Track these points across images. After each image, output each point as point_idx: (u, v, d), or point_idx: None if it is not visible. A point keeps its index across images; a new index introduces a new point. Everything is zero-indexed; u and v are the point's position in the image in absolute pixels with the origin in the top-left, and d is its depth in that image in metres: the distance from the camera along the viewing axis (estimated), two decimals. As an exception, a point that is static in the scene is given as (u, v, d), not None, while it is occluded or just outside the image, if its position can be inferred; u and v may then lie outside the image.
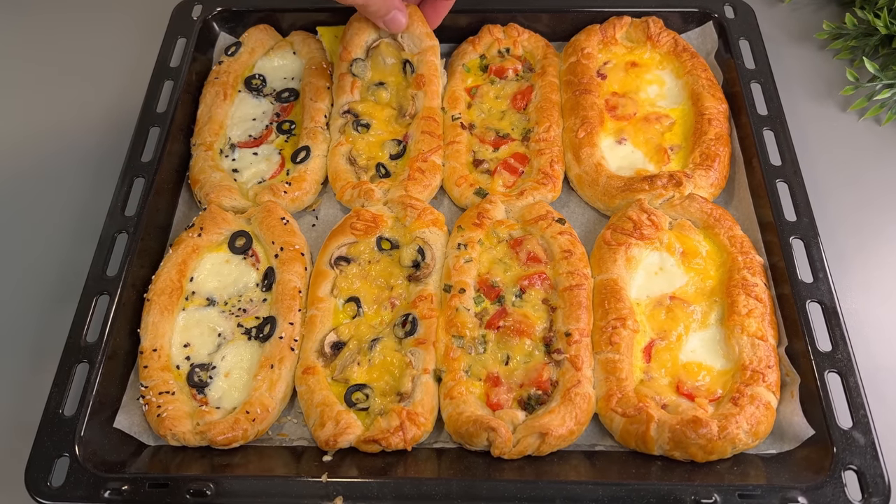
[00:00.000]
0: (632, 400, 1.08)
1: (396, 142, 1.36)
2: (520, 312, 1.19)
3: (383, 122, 1.38)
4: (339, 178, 1.33)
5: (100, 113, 1.57)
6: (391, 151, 1.36)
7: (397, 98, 1.39)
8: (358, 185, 1.32)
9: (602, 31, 1.51)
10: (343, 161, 1.33)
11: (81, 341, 1.14)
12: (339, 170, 1.33)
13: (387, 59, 1.40)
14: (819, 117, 1.51)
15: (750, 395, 1.07)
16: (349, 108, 1.37)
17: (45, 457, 1.04)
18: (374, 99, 1.39)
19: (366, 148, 1.35)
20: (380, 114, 1.38)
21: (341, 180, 1.33)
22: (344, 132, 1.36)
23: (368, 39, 1.40)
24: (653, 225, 1.25)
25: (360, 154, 1.34)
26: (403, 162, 1.35)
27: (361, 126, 1.36)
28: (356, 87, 1.38)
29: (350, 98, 1.37)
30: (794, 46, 1.63)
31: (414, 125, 1.36)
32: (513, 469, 1.07)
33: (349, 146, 1.34)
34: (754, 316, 1.14)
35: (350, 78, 1.38)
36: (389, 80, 1.41)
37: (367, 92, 1.39)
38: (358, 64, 1.38)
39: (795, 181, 1.27)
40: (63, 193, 1.47)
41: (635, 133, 1.40)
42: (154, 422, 1.12)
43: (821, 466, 1.02)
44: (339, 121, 1.37)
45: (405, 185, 1.31)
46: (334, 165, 1.34)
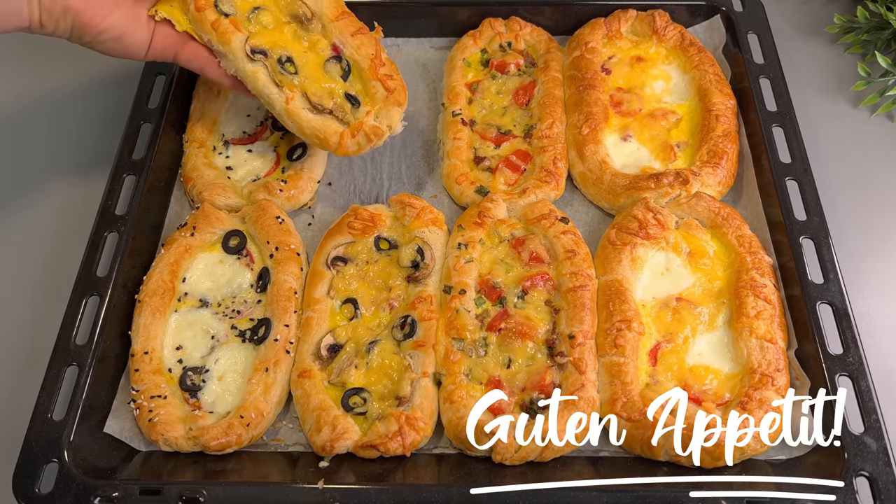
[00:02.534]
0: (637, 404, 1.08)
1: (335, 59, 1.22)
2: (522, 314, 1.19)
3: (296, 43, 1.22)
4: (329, 138, 1.20)
5: (90, 108, 1.57)
6: (338, 72, 1.22)
7: (282, 11, 1.23)
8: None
9: (606, 25, 1.51)
10: (311, 115, 1.19)
11: (70, 344, 1.14)
12: (324, 131, 1.19)
13: None
14: (830, 113, 1.52)
15: (759, 400, 1.07)
16: (252, 48, 1.17)
17: (33, 463, 1.04)
18: (263, 26, 1.21)
19: (315, 86, 1.20)
20: (283, 37, 1.20)
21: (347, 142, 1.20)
22: (281, 82, 1.18)
23: None
24: (659, 224, 1.25)
25: (316, 95, 1.19)
26: (360, 77, 1.22)
27: (286, 64, 1.19)
28: (240, 25, 1.18)
29: (241, 37, 1.17)
30: (804, 40, 1.63)
31: (333, 29, 1.22)
32: (515, 475, 1.07)
33: (300, 94, 1.19)
34: (763, 318, 1.14)
35: (224, 19, 1.17)
36: (262, 1, 1.22)
37: (250, 24, 1.20)
38: (223, 1, 1.18)
39: (805, 179, 1.27)
40: (52, 191, 1.47)
41: (641, 129, 1.40)
42: (145, 426, 1.12)
43: (832, 472, 1.02)
44: (257, 75, 1.17)
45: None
46: (311, 128, 1.20)
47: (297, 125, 1.18)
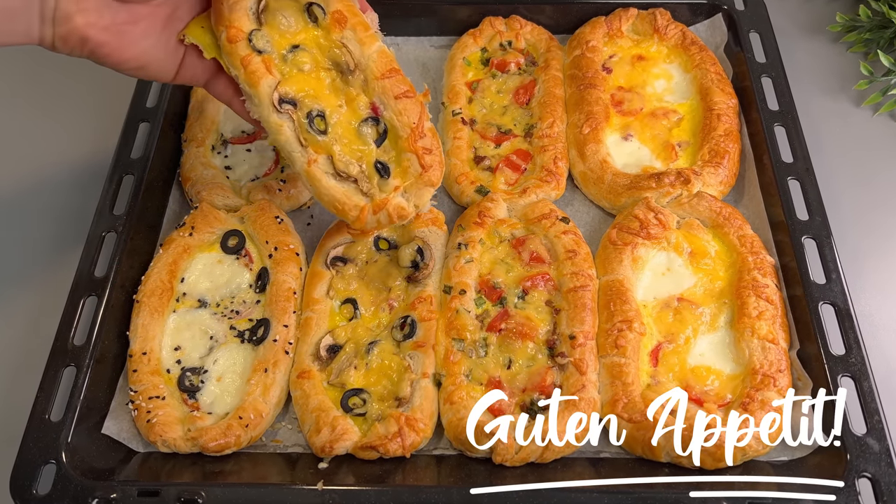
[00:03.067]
0: (638, 405, 1.08)
1: (371, 121, 1.09)
2: (522, 314, 1.19)
3: (332, 96, 1.09)
4: (348, 212, 1.09)
5: (87, 108, 1.57)
6: (372, 136, 1.09)
7: (324, 54, 1.08)
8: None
9: (607, 24, 1.51)
10: (333, 182, 1.07)
11: (68, 344, 1.14)
12: (344, 202, 1.08)
13: (286, 17, 1.07)
14: (832, 113, 1.52)
15: (760, 401, 1.07)
16: (281, 96, 1.04)
17: (31, 464, 1.04)
18: (298, 69, 1.07)
19: (345, 148, 1.08)
20: (319, 86, 1.08)
21: (354, 215, 1.09)
22: (306, 141, 1.06)
23: (250, 3, 1.06)
24: (660, 224, 1.25)
25: (343, 160, 1.07)
26: (395, 144, 1.09)
27: (316, 120, 1.06)
28: (273, 66, 1.06)
29: (272, 81, 1.04)
30: (806, 39, 1.63)
31: (376, 87, 1.07)
32: (515, 476, 1.07)
33: (325, 157, 1.07)
34: (765, 318, 1.14)
35: (257, 56, 1.05)
36: (302, 40, 1.09)
37: (285, 65, 1.07)
38: (258, 36, 1.05)
39: (807, 179, 1.27)
40: (50, 191, 1.47)
41: (642, 129, 1.40)
42: (144, 427, 1.12)
43: (834, 474, 1.02)
44: (281, 129, 1.05)
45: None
46: (330, 196, 1.08)
47: (316, 190, 1.06)
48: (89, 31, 0.92)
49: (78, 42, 0.93)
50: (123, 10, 0.94)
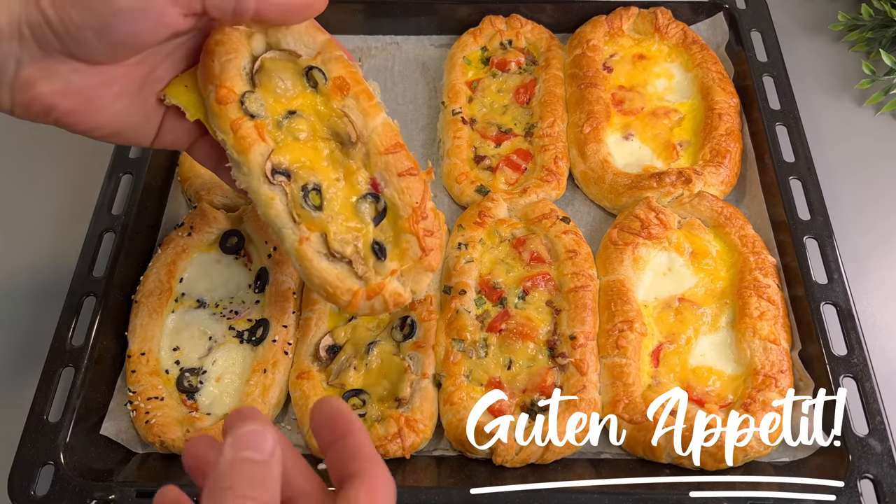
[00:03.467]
0: (639, 406, 1.08)
1: (371, 197, 0.97)
2: (523, 315, 1.19)
3: (329, 169, 0.97)
4: (340, 296, 0.96)
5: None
6: (370, 213, 0.97)
7: (322, 123, 0.97)
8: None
9: (608, 23, 1.51)
10: (325, 263, 0.94)
11: (67, 345, 1.14)
12: (336, 286, 0.95)
13: (283, 80, 0.95)
14: (834, 112, 1.52)
15: (762, 402, 1.07)
16: (275, 167, 0.92)
17: (29, 464, 1.04)
18: (294, 137, 0.95)
19: (340, 226, 0.96)
20: (316, 157, 0.96)
21: (347, 296, 0.96)
22: (299, 217, 0.93)
23: (244, 62, 0.94)
24: (661, 224, 1.25)
25: (337, 239, 0.95)
26: (394, 223, 0.98)
27: (311, 194, 0.94)
28: (266, 132, 0.93)
29: (265, 149, 0.92)
30: (807, 38, 1.63)
31: (378, 162, 0.96)
32: (516, 477, 1.07)
33: (319, 235, 0.94)
34: (766, 318, 1.14)
35: (249, 121, 0.92)
36: (299, 105, 0.96)
37: (280, 132, 0.95)
38: (251, 98, 0.93)
39: (809, 178, 1.27)
40: (47, 190, 1.47)
41: (643, 128, 1.40)
42: (142, 428, 1.12)
43: (836, 475, 1.02)
44: (273, 202, 0.93)
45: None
46: (321, 280, 0.95)
47: (306, 271, 0.94)
48: (55, 99, 0.81)
49: (42, 110, 0.82)
50: (94, 73, 0.82)
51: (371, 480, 0.65)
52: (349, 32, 1.60)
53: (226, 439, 0.62)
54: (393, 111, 1.49)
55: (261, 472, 0.60)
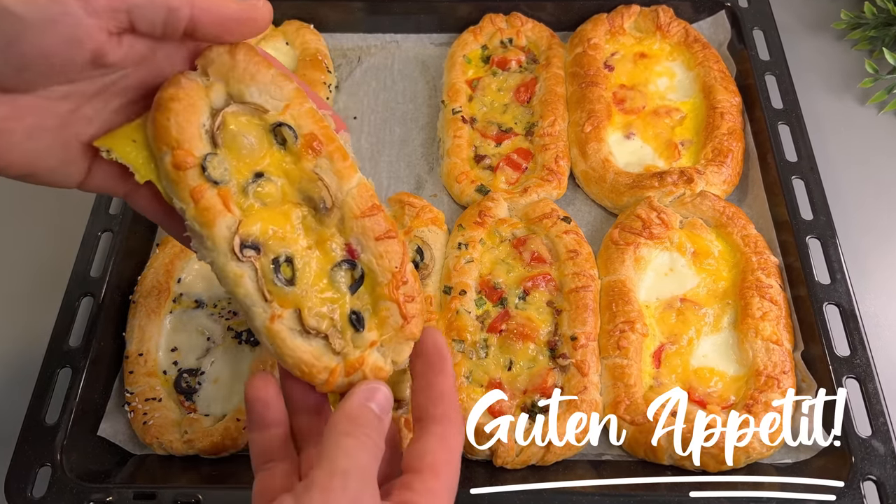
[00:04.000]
0: (640, 407, 1.08)
1: (347, 264, 0.85)
2: (523, 315, 1.19)
3: (300, 237, 0.85)
4: (316, 375, 0.83)
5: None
6: (346, 282, 0.85)
7: (293, 185, 0.85)
8: None
9: (609, 21, 1.51)
10: (299, 340, 0.82)
11: (64, 345, 1.14)
12: (312, 365, 0.83)
13: (248, 137, 0.82)
14: (836, 111, 1.51)
15: (764, 403, 1.07)
16: (243, 241, 0.80)
17: (26, 466, 1.04)
18: (261, 202, 0.83)
19: (315, 298, 0.84)
20: (285, 224, 0.84)
21: (317, 372, 0.83)
22: (271, 294, 0.81)
23: (203, 119, 0.81)
24: (663, 224, 1.25)
25: (313, 314, 0.83)
26: (372, 290, 0.86)
27: (283, 266, 0.82)
28: (231, 200, 0.80)
29: (231, 221, 0.79)
30: (810, 37, 1.63)
31: (354, 227, 0.85)
32: (516, 479, 1.06)
33: (292, 311, 0.82)
34: (769, 319, 1.14)
35: (212, 188, 0.79)
36: (266, 166, 0.84)
37: (246, 199, 0.82)
38: (213, 162, 0.80)
39: (812, 178, 1.27)
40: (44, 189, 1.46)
41: (644, 127, 1.40)
42: (140, 430, 1.11)
43: (838, 476, 1.01)
44: (241, 281, 0.80)
45: None
46: (296, 359, 0.82)
47: (279, 351, 0.82)
48: None
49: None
50: (1, 103, 0.69)
51: (449, 430, 0.75)
52: (348, 31, 1.60)
53: (355, 388, 0.77)
54: (392, 110, 1.51)
55: (378, 421, 0.73)
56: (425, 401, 0.77)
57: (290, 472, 0.76)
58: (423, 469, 0.72)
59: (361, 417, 0.72)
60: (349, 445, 0.68)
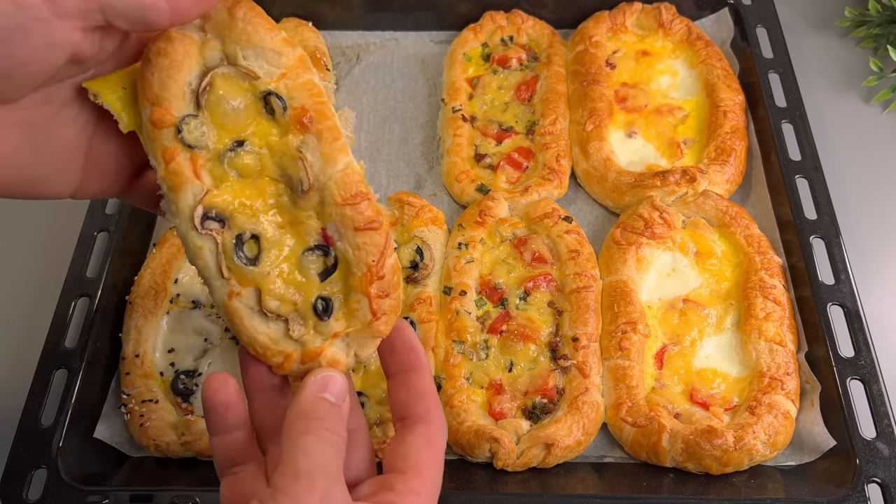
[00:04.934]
0: (643, 409, 1.08)
1: (318, 250, 0.80)
2: (524, 316, 1.19)
3: (273, 214, 0.81)
4: (270, 357, 0.80)
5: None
6: (317, 268, 0.81)
7: (274, 158, 0.80)
8: None
9: (611, 18, 1.51)
10: (257, 321, 0.79)
11: (60, 346, 1.14)
12: (267, 348, 0.80)
13: (233, 101, 0.79)
14: (841, 109, 1.51)
15: (768, 404, 1.07)
16: (206, 211, 0.77)
17: (22, 469, 1.04)
18: (236, 173, 0.79)
19: (280, 280, 0.80)
20: (259, 199, 0.80)
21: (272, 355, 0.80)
22: (230, 272, 0.78)
23: (190, 77, 0.78)
24: (665, 223, 1.25)
25: (274, 296, 0.79)
26: (345, 279, 0.81)
27: (248, 244, 0.79)
28: (201, 167, 0.78)
29: (198, 189, 0.77)
30: (814, 34, 1.63)
31: (334, 213, 0.79)
32: (517, 482, 1.07)
33: (252, 289, 0.79)
34: (772, 320, 1.14)
35: (185, 152, 0.77)
36: (250, 134, 0.80)
37: (220, 167, 0.79)
38: (190, 125, 0.77)
39: (816, 177, 1.27)
40: (40, 190, 1.46)
41: (646, 126, 1.40)
42: (136, 432, 1.11)
43: (843, 479, 1.02)
44: (201, 252, 0.77)
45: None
46: (250, 338, 0.80)
47: (235, 328, 0.81)
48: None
49: None
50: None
51: (433, 429, 0.73)
52: (347, 28, 1.60)
53: (306, 379, 0.73)
54: (391, 108, 1.51)
55: (335, 411, 0.70)
56: (406, 399, 0.75)
57: (257, 473, 0.73)
58: (406, 469, 0.70)
59: (316, 411, 0.68)
60: (308, 444, 0.65)
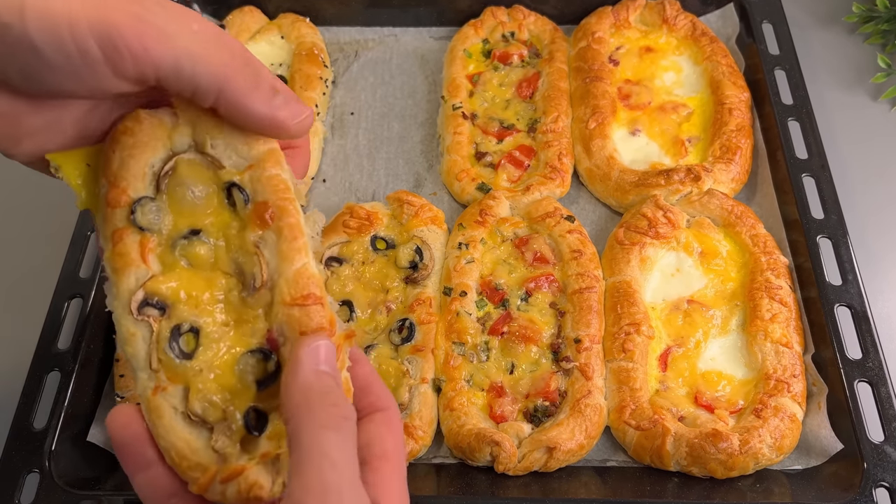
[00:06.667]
0: (646, 412, 1.08)
1: (260, 354, 0.75)
2: (525, 317, 1.19)
3: (220, 311, 0.77)
4: (186, 471, 0.73)
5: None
6: (256, 373, 0.75)
7: (230, 253, 0.77)
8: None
9: (614, 14, 1.51)
10: (179, 424, 0.74)
11: (53, 348, 1.14)
12: (184, 458, 0.73)
13: (195, 189, 0.77)
14: (848, 107, 1.52)
15: (774, 407, 1.07)
16: (146, 297, 0.74)
17: (14, 472, 1.04)
18: (187, 262, 0.77)
19: (212, 382, 0.75)
20: (206, 292, 0.77)
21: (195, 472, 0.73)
22: (160, 364, 0.74)
23: (154, 159, 0.77)
24: (669, 223, 1.25)
25: (202, 399, 0.74)
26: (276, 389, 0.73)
27: (186, 336, 0.75)
28: (149, 251, 0.75)
29: (143, 273, 0.74)
30: (821, 30, 1.63)
31: (280, 314, 0.74)
32: (518, 486, 1.07)
33: (181, 387, 0.74)
34: (778, 321, 1.14)
35: (135, 234, 0.75)
36: (207, 225, 0.78)
37: (171, 255, 0.76)
38: (145, 208, 0.76)
39: (823, 176, 1.27)
40: (33, 188, 1.46)
41: (650, 123, 1.40)
42: (131, 435, 1.11)
43: (850, 483, 1.02)
44: (133, 339, 0.74)
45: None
46: (168, 443, 0.74)
47: (154, 429, 0.74)
48: None
49: None
50: (23, 101, 0.69)
51: (391, 414, 0.71)
52: (345, 24, 1.60)
53: (299, 352, 0.68)
54: (390, 106, 1.51)
55: (338, 387, 0.67)
56: (355, 393, 0.72)
57: (197, 500, 0.69)
58: (372, 459, 0.67)
59: (328, 395, 0.64)
60: (331, 445, 0.60)
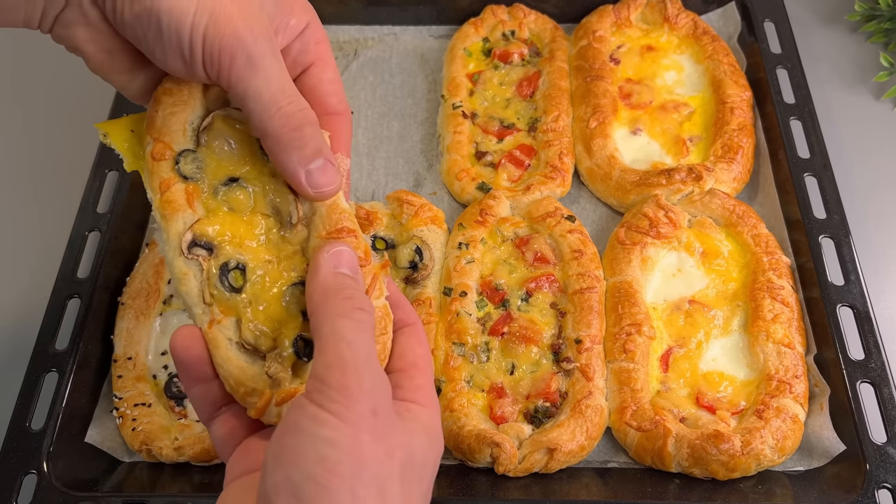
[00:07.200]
0: (647, 413, 1.08)
1: (302, 286, 0.81)
2: (526, 317, 1.19)
3: (262, 248, 0.84)
4: (243, 397, 0.79)
5: (69, 98, 1.57)
6: (300, 306, 0.82)
7: (265, 196, 0.85)
8: None
9: (615, 13, 1.51)
10: (234, 353, 0.79)
11: (50, 349, 1.14)
12: (242, 383, 0.78)
13: (231, 141, 0.86)
14: (851, 106, 1.51)
15: (776, 408, 1.07)
16: (195, 238, 0.82)
17: (11, 474, 1.04)
18: (229, 207, 0.84)
19: (262, 313, 0.81)
20: (248, 233, 0.84)
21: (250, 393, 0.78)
22: (212, 298, 0.81)
23: (192, 116, 0.86)
24: (670, 223, 1.25)
25: (253, 329, 0.81)
26: None
27: (234, 273, 0.82)
28: (195, 198, 0.83)
29: (189, 217, 0.82)
30: (823, 29, 1.63)
31: (317, 246, 0.81)
32: (518, 487, 1.07)
33: (233, 319, 0.81)
34: (780, 321, 1.14)
35: (180, 183, 0.83)
36: (244, 173, 0.85)
37: (214, 200, 0.84)
38: (187, 158, 0.84)
39: (825, 175, 1.27)
40: (30, 188, 1.46)
41: (651, 123, 1.40)
42: (129, 436, 1.11)
43: (852, 485, 1.02)
44: (186, 278, 0.81)
45: None
46: (226, 371, 0.79)
47: (214, 359, 0.80)
48: (86, 47, 0.79)
49: (70, 48, 0.80)
50: (127, 46, 0.80)
51: (418, 327, 0.78)
52: (345, 23, 1.60)
53: (318, 257, 0.73)
54: (390, 105, 1.51)
55: (357, 285, 0.72)
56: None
57: (242, 412, 0.76)
58: (406, 367, 0.74)
59: (344, 290, 0.70)
60: (347, 330, 0.65)
